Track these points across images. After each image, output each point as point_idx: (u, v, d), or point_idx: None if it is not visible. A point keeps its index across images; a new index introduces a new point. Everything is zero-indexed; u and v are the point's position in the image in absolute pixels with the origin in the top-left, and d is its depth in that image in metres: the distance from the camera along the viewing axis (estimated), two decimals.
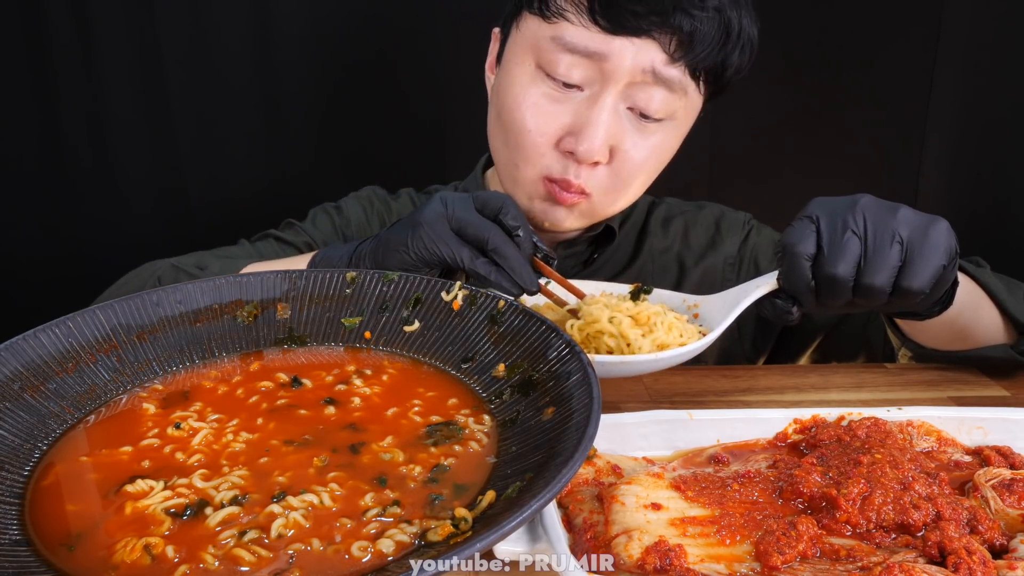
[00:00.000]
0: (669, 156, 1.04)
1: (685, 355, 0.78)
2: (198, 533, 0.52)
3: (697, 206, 1.25)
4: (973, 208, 1.52)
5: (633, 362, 0.77)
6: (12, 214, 1.49)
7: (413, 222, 0.82)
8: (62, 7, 1.38)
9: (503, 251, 0.79)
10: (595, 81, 0.94)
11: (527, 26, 0.97)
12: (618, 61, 0.91)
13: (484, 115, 1.09)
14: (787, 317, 0.81)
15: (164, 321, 0.73)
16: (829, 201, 0.79)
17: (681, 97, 0.96)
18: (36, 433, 0.62)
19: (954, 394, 0.92)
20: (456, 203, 0.82)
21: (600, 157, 0.95)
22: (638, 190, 1.04)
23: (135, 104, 1.45)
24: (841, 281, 0.75)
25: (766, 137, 1.57)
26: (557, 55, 0.93)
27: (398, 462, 0.59)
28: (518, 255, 0.80)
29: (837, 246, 0.75)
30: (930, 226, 0.76)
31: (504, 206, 0.82)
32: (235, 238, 1.18)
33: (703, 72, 0.96)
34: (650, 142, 0.98)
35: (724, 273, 1.19)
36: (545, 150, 0.97)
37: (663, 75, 0.93)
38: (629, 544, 0.57)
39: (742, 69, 1.00)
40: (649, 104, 0.94)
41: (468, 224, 0.80)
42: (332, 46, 1.48)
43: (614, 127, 0.95)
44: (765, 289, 0.81)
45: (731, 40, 0.95)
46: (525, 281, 0.80)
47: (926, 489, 0.61)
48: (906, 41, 1.50)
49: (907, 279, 0.75)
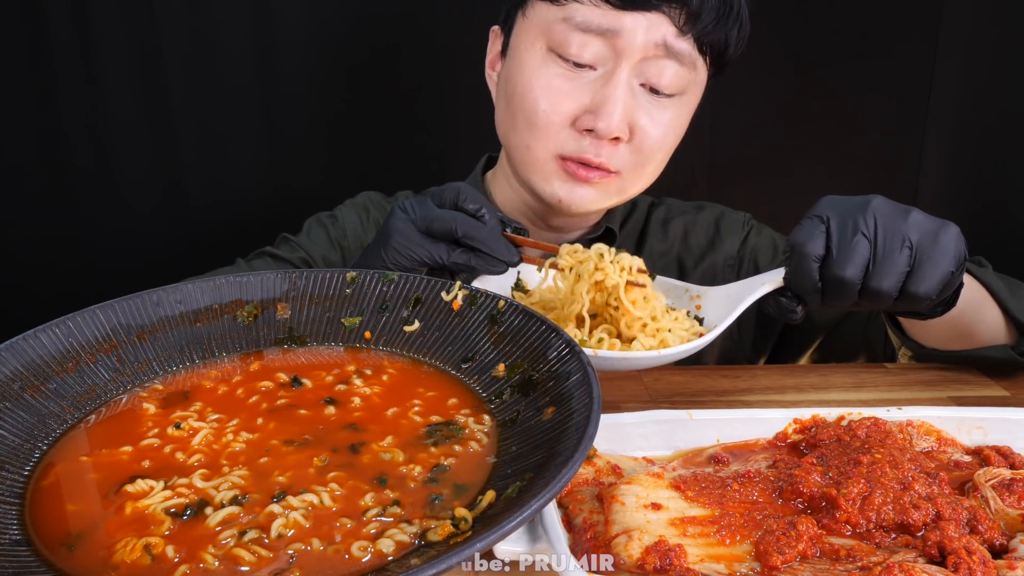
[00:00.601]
0: (682, 133, 1.05)
1: (686, 352, 0.78)
2: (198, 533, 0.52)
3: (696, 207, 1.25)
4: (973, 207, 1.52)
5: (634, 358, 0.77)
6: (12, 214, 1.48)
7: (383, 237, 0.86)
8: (62, 7, 1.38)
9: (473, 234, 0.82)
10: (608, 59, 0.95)
11: (535, 12, 0.98)
12: (630, 37, 0.93)
13: (485, 116, 1.09)
14: (791, 316, 0.80)
15: (164, 321, 0.73)
16: (840, 201, 0.78)
17: (691, 71, 0.98)
18: (36, 433, 0.62)
19: (954, 394, 0.92)
20: (416, 206, 0.86)
21: (620, 133, 0.96)
22: (659, 166, 1.05)
23: (135, 105, 1.45)
24: (849, 284, 0.75)
25: (766, 136, 1.57)
26: (569, 35, 0.94)
27: (398, 462, 0.59)
28: (488, 232, 0.82)
29: (846, 248, 0.74)
30: (941, 231, 0.76)
31: (460, 193, 0.84)
32: (235, 238, 1.18)
33: (708, 47, 0.98)
34: (666, 117, 0.99)
35: (724, 274, 1.19)
36: (559, 129, 0.98)
37: (675, 48, 0.94)
38: (629, 544, 0.57)
39: (739, 47, 1.03)
40: (662, 78, 0.96)
41: (433, 220, 0.83)
42: (332, 46, 1.48)
43: (630, 103, 0.96)
44: (770, 287, 0.80)
45: (732, 15, 0.98)
46: (503, 254, 0.82)
47: (926, 489, 0.61)
48: (906, 40, 1.50)
49: (915, 284, 0.75)
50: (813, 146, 1.58)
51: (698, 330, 0.84)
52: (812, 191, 0.83)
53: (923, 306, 0.79)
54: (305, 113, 1.51)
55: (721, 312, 0.84)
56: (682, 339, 0.81)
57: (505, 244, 0.84)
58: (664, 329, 0.81)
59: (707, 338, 0.79)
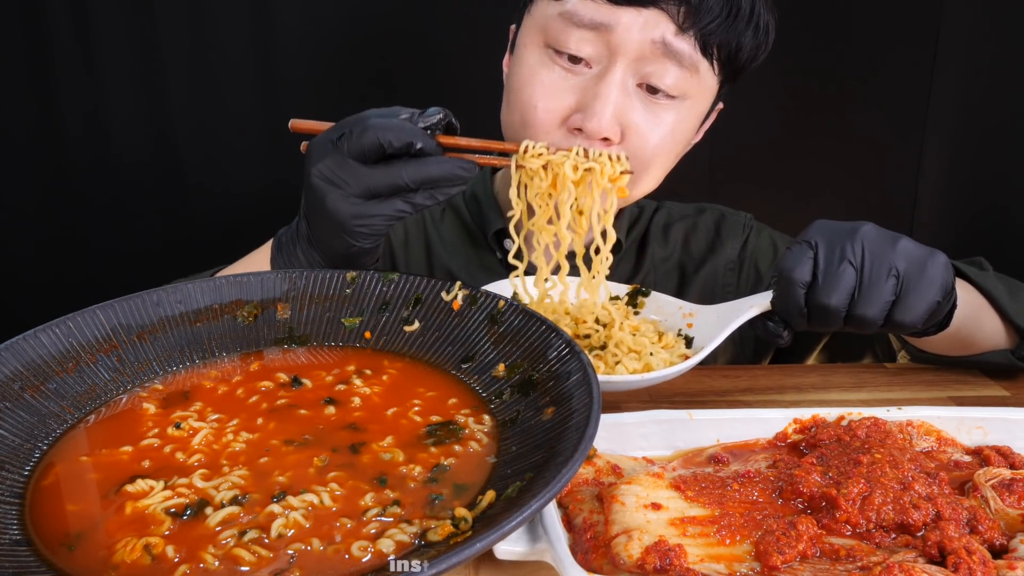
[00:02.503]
0: (686, 139, 1.01)
1: (669, 376, 0.79)
2: (198, 533, 0.52)
3: (697, 209, 1.24)
4: (972, 210, 1.52)
5: (617, 382, 0.77)
6: (12, 214, 1.49)
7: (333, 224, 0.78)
8: (62, 7, 1.38)
9: (425, 176, 0.75)
10: (604, 57, 0.92)
11: (537, 9, 0.97)
12: (625, 33, 0.89)
13: (486, 116, 1.09)
14: (777, 340, 0.82)
15: (164, 321, 0.73)
16: (830, 226, 0.79)
17: (693, 75, 0.93)
18: (36, 433, 0.62)
19: (954, 394, 0.92)
20: (339, 171, 0.76)
21: (609, 133, 0.92)
22: (661, 171, 1.01)
23: (135, 104, 1.45)
24: (833, 311, 0.76)
25: (765, 139, 1.57)
26: (565, 31, 0.92)
27: (398, 462, 0.59)
28: (437, 164, 0.76)
29: (832, 276, 0.75)
30: (928, 260, 0.76)
31: (376, 134, 0.74)
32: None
33: (716, 49, 0.94)
34: (663, 120, 0.95)
35: (725, 278, 1.18)
36: (551, 127, 0.95)
37: (673, 47, 0.90)
38: (629, 544, 0.57)
39: (757, 55, 0.97)
40: (660, 79, 0.92)
41: (375, 185, 0.75)
42: (331, 44, 1.48)
43: (623, 103, 0.92)
44: (757, 310, 0.82)
45: (740, 17, 0.92)
46: (461, 172, 0.76)
47: (926, 489, 0.61)
48: (905, 43, 1.50)
49: (900, 313, 0.76)
50: (813, 149, 1.57)
51: (683, 352, 0.85)
52: (811, 194, 0.83)
53: (910, 332, 0.80)
54: (305, 110, 1.50)
55: (709, 333, 0.85)
56: (666, 362, 0.82)
57: (456, 162, 0.77)
58: (647, 352, 0.83)
59: (691, 362, 0.80)
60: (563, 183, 0.83)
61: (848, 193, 1.58)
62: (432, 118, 0.79)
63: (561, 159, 0.83)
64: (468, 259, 1.17)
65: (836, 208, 1.47)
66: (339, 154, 0.76)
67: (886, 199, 1.59)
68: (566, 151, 0.84)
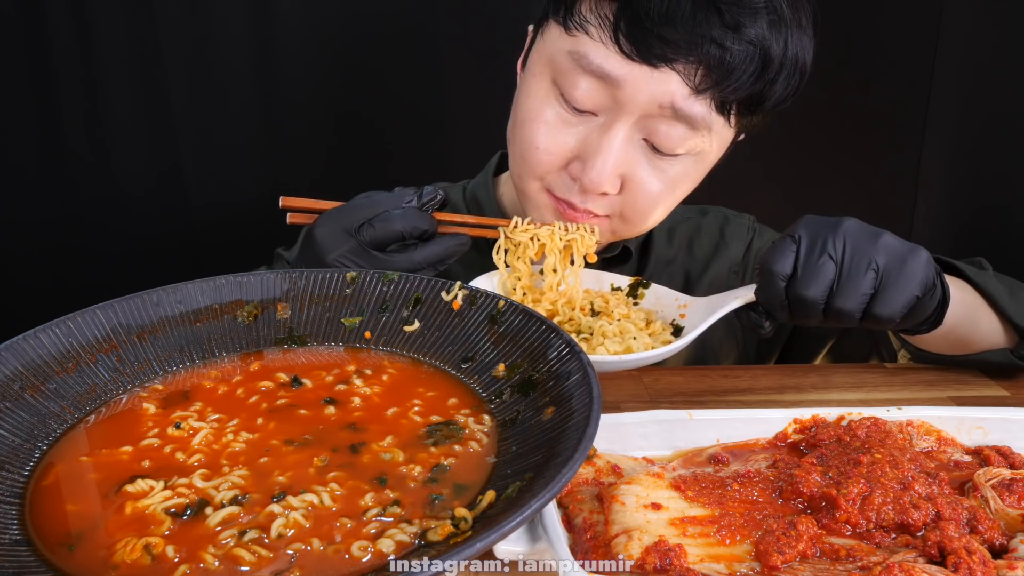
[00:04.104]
0: (690, 187, 0.96)
1: (649, 359, 0.80)
2: (198, 533, 0.52)
3: (700, 211, 1.23)
4: (972, 210, 1.52)
5: (598, 362, 0.78)
6: (12, 214, 1.49)
7: None
8: (62, 7, 1.38)
9: (428, 256, 0.86)
10: (609, 109, 0.87)
11: (550, 34, 0.91)
12: (632, 91, 0.84)
13: (487, 114, 1.08)
14: (760, 330, 0.83)
15: (164, 321, 0.73)
16: (815, 221, 0.80)
17: (704, 134, 0.88)
18: (36, 433, 0.62)
19: (954, 394, 0.92)
20: (359, 264, 0.85)
21: (608, 188, 0.90)
22: (658, 218, 0.98)
23: (135, 104, 1.45)
24: (811, 303, 0.77)
25: (765, 139, 1.57)
26: (573, 74, 0.87)
27: (398, 462, 0.59)
28: (436, 244, 0.87)
29: (811, 269, 0.77)
30: (909, 256, 0.77)
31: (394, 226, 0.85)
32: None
33: (735, 105, 0.87)
34: (667, 174, 0.91)
35: (729, 281, 1.18)
36: (550, 169, 0.93)
37: (683, 111, 0.85)
38: (629, 544, 0.57)
39: (787, 98, 0.90)
40: (666, 141, 0.87)
41: (388, 265, 0.84)
42: (332, 45, 1.48)
43: (625, 157, 0.89)
44: (741, 301, 0.84)
45: (770, 70, 0.85)
46: (461, 244, 0.88)
47: (926, 489, 0.61)
48: (906, 44, 1.50)
49: (879, 306, 0.77)
50: (813, 149, 1.57)
51: (668, 339, 0.86)
52: (811, 193, 0.84)
53: (894, 326, 0.81)
54: (305, 113, 1.51)
55: (698, 322, 0.86)
56: (647, 346, 0.83)
57: (454, 240, 0.88)
58: (630, 336, 0.84)
59: (671, 347, 0.81)
60: (550, 251, 0.93)
61: (848, 193, 1.58)
62: (430, 198, 0.89)
63: (547, 233, 0.92)
64: (469, 262, 1.17)
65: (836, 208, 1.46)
66: (356, 244, 0.85)
67: (886, 199, 1.59)
68: (550, 225, 0.93)
